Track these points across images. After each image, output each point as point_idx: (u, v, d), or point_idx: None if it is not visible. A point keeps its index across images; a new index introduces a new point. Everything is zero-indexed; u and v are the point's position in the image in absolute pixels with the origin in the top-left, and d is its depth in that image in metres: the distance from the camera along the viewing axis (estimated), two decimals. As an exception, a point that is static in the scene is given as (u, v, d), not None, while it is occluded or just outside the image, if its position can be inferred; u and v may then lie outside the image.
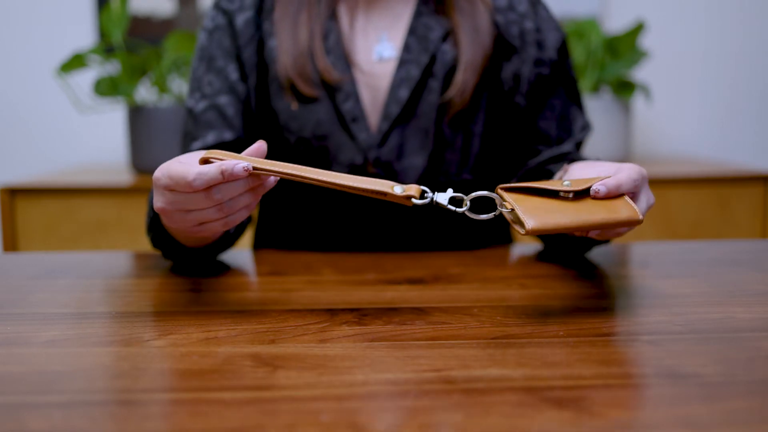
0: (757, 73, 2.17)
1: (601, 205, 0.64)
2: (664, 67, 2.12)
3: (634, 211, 0.63)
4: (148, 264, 0.88)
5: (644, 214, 0.67)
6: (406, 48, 0.94)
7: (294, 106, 0.93)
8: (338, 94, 0.93)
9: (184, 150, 0.95)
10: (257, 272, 0.87)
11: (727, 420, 0.43)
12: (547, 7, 1.00)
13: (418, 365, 0.52)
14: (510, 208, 0.63)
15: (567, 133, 0.97)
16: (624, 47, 1.81)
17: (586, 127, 0.98)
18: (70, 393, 0.48)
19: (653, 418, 0.43)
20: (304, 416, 0.44)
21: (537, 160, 0.96)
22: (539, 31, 0.97)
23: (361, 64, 0.94)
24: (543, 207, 0.63)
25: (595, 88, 1.86)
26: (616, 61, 1.82)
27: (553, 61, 0.97)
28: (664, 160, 2.02)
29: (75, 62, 1.68)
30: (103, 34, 2.01)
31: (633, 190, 0.66)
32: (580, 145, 0.98)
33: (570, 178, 0.69)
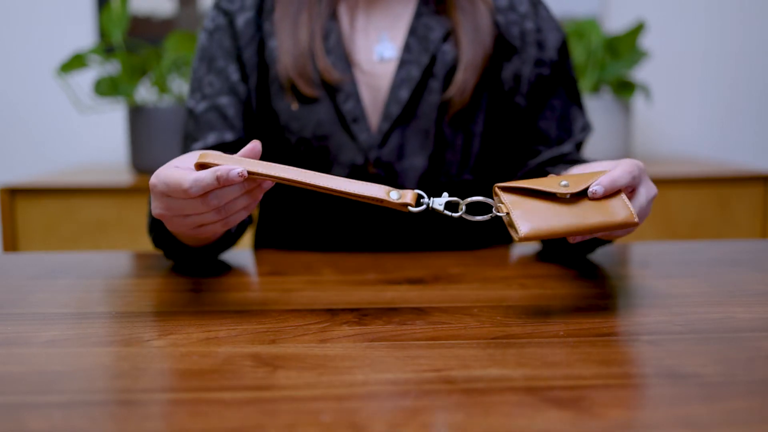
0: (757, 73, 2.17)
1: (597, 207, 0.63)
2: (664, 67, 2.12)
3: (630, 214, 0.63)
4: (148, 264, 0.88)
5: (647, 207, 0.67)
6: (407, 48, 0.94)
7: (294, 106, 0.93)
8: (339, 94, 0.93)
9: (185, 150, 0.95)
10: (257, 272, 0.87)
11: (727, 420, 0.43)
12: (547, 8, 1.00)
13: (418, 365, 0.52)
14: (506, 211, 0.63)
15: (567, 134, 0.97)
16: (624, 47, 1.81)
17: (587, 128, 0.98)
18: (70, 393, 0.48)
19: (653, 418, 0.43)
20: (304, 416, 0.44)
21: (537, 161, 0.96)
22: (540, 31, 0.97)
23: (362, 64, 0.94)
24: (539, 210, 0.62)
25: (596, 88, 1.86)
26: (616, 61, 1.82)
27: (553, 61, 0.97)
28: (664, 160, 2.02)
29: (75, 62, 1.68)
30: (103, 34, 2.01)
31: (632, 183, 0.66)
32: (580, 146, 0.98)
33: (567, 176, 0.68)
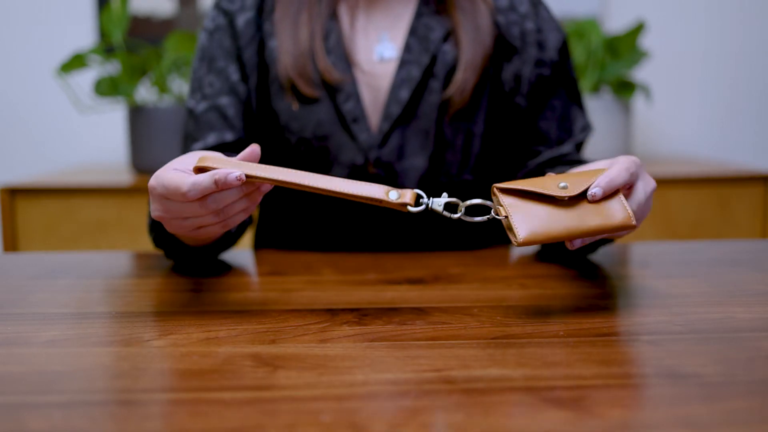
0: (757, 73, 2.17)
1: (596, 210, 0.63)
2: (664, 67, 2.12)
3: (628, 216, 0.63)
4: (148, 264, 0.88)
5: (645, 203, 0.67)
6: (407, 48, 0.94)
7: (295, 106, 0.93)
8: (339, 94, 0.93)
9: (185, 150, 0.95)
10: (257, 272, 0.87)
11: (727, 420, 0.43)
12: (548, 8, 1.00)
13: (418, 365, 0.52)
14: (504, 215, 0.63)
15: (567, 134, 0.97)
16: (624, 47, 1.81)
17: (587, 128, 0.98)
18: (70, 393, 0.48)
19: (653, 418, 0.43)
20: (305, 416, 0.44)
21: (536, 161, 0.96)
22: (540, 31, 0.97)
23: (362, 64, 0.94)
24: (537, 214, 0.63)
25: (596, 88, 1.86)
26: (617, 61, 1.82)
27: (553, 61, 0.97)
28: (664, 160, 2.02)
29: (75, 62, 1.68)
30: (103, 34, 2.01)
31: (630, 180, 0.66)
32: (580, 146, 0.98)
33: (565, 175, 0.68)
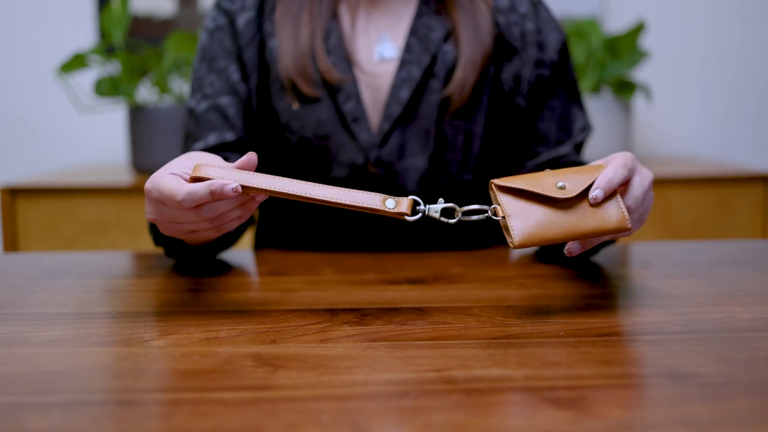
0: (757, 73, 2.17)
1: (592, 212, 0.64)
2: (665, 67, 2.12)
3: (623, 219, 0.64)
4: (148, 264, 0.88)
5: (643, 196, 0.66)
6: (408, 48, 0.94)
7: (295, 106, 0.93)
8: (339, 94, 0.93)
9: (185, 150, 0.95)
10: (258, 272, 0.87)
11: (727, 420, 0.43)
12: (548, 8, 1.00)
13: (419, 365, 0.52)
14: (502, 215, 0.63)
15: (566, 135, 0.97)
16: (624, 47, 1.81)
17: (587, 128, 0.98)
18: (70, 393, 0.48)
19: (653, 418, 0.43)
20: (305, 416, 0.44)
21: (535, 162, 0.96)
22: (540, 32, 0.97)
23: (363, 64, 0.94)
24: (534, 216, 0.63)
25: (596, 89, 1.86)
26: (617, 61, 1.82)
27: (553, 62, 0.97)
28: (664, 160, 2.02)
29: (75, 62, 1.68)
30: (103, 34, 2.01)
31: (627, 176, 0.66)
32: (580, 147, 0.98)
33: (563, 174, 0.66)
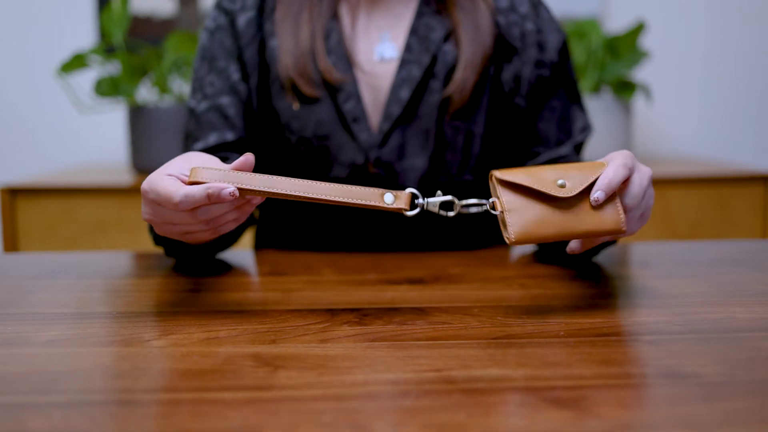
0: (757, 73, 2.17)
1: (589, 212, 0.64)
2: (665, 67, 2.12)
3: (619, 222, 0.64)
4: (148, 264, 0.88)
5: (641, 193, 0.66)
6: (408, 48, 0.94)
7: (296, 106, 0.93)
8: (339, 94, 0.93)
9: (186, 150, 0.95)
10: (258, 272, 0.87)
11: (727, 420, 0.43)
12: (548, 9, 1.00)
13: (419, 365, 0.52)
14: (500, 209, 0.63)
15: (566, 135, 0.97)
16: (624, 47, 1.81)
17: (587, 129, 0.98)
18: (70, 393, 0.48)
19: (653, 418, 0.43)
20: (305, 416, 0.44)
21: (534, 163, 0.96)
22: (540, 32, 0.97)
23: (363, 64, 0.94)
24: (533, 213, 0.63)
25: (596, 89, 1.86)
26: (617, 61, 1.82)
27: (553, 62, 0.97)
28: (664, 160, 2.02)
29: (75, 62, 1.68)
30: (103, 34, 2.01)
31: (628, 175, 0.65)
32: (579, 147, 0.98)
33: (563, 170, 0.66)
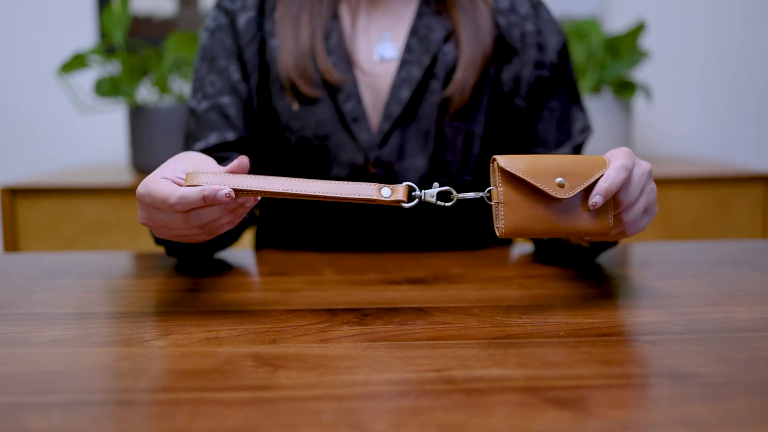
0: (757, 73, 2.17)
1: (582, 213, 0.64)
2: (665, 67, 2.12)
3: (607, 225, 0.64)
4: (148, 264, 0.88)
5: (639, 188, 0.66)
6: (408, 48, 0.94)
7: (295, 106, 0.93)
8: (339, 94, 0.93)
9: (187, 150, 0.95)
10: (258, 272, 0.87)
11: (727, 420, 0.43)
12: (548, 10, 1.00)
13: (419, 365, 0.52)
14: (497, 201, 0.63)
15: (566, 136, 0.97)
16: (624, 47, 1.81)
17: (586, 130, 0.98)
18: (71, 393, 0.48)
19: (653, 418, 0.44)
20: (305, 416, 0.44)
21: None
22: (540, 33, 0.97)
23: (363, 64, 0.94)
24: (527, 209, 0.63)
25: (596, 89, 1.86)
26: (617, 61, 1.82)
27: (553, 64, 0.97)
28: (664, 160, 2.02)
29: (76, 62, 1.68)
30: (103, 34, 2.01)
31: (627, 176, 0.64)
32: (579, 148, 0.98)
33: (565, 165, 0.66)
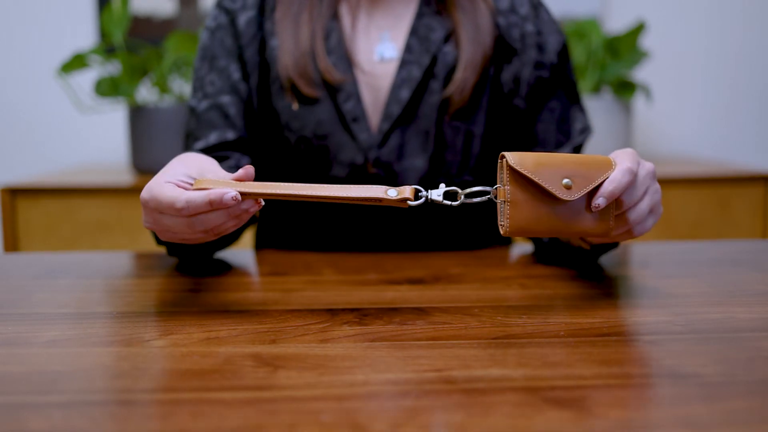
0: (757, 73, 2.17)
1: (585, 214, 0.64)
2: (665, 67, 2.12)
3: (608, 227, 0.65)
4: (148, 264, 0.88)
5: (640, 188, 0.66)
6: (408, 48, 0.94)
7: (295, 106, 0.93)
8: (339, 94, 0.93)
9: (186, 149, 0.95)
10: (258, 272, 0.87)
11: (727, 420, 0.43)
12: (548, 10, 1.00)
13: (419, 365, 0.52)
14: (502, 199, 0.63)
15: (565, 137, 0.97)
16: (624, 47, 1.81)
17: (586, 130, 0.98)
18: (71, 393, 0.48)
19: (653, 418, 0.44)
20: (305, 416, 0.44)
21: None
22: (540, 34, 0.97)
23: (363, 64, 0.94)
24: (532, 209, 0.63)
25: (596, 89, 1.86)
26: (617, 61, 1.82)
27: (553, 64, 0.97)
28: (664, 160, 2.02)
29: (76, 62, 1.68)
30: (103, 34, 2.01)
31: (632, 179, 0.64)
32: (579, 149, 0.98)
33: (572, 165, 0.66)
